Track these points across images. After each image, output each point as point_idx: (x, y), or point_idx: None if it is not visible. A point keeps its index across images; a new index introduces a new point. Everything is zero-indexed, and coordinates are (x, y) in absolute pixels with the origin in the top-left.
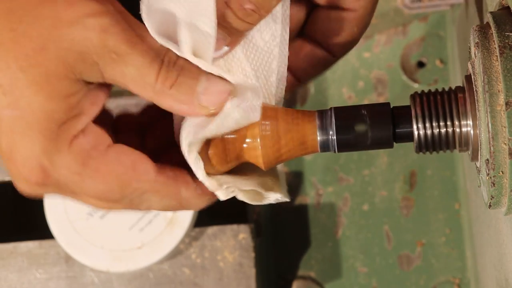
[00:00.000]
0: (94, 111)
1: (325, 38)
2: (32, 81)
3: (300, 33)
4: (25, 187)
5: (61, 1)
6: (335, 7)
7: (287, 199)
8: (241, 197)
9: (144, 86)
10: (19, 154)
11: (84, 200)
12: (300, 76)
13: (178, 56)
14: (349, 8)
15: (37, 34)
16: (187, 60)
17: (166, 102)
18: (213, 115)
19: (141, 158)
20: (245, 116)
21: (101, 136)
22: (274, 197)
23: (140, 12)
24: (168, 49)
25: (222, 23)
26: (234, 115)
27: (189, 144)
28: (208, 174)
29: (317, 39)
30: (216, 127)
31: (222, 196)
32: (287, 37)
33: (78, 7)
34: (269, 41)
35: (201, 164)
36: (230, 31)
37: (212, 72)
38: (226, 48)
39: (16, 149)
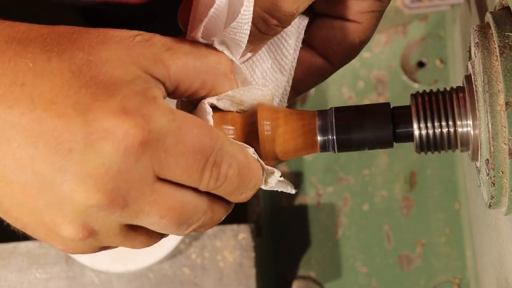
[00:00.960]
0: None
1: (325, 48)
2: (112, 57)
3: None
4: (114, 164)
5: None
6: (339, 17)
7: (292, 190)
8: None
9: (208, 70)
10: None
11: (158, 211)
12: (297, 86)
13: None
14: (354, 20)
15: (92, 36)
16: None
17: (228, 86)
18: None
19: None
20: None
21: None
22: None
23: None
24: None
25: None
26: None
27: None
28: None
29: (316, 48)
30: (246, 91)
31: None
32: (298, 51)
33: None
34: (284, 57)
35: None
36: (252, 41)
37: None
38: (249, 54)
39: (104, 119)
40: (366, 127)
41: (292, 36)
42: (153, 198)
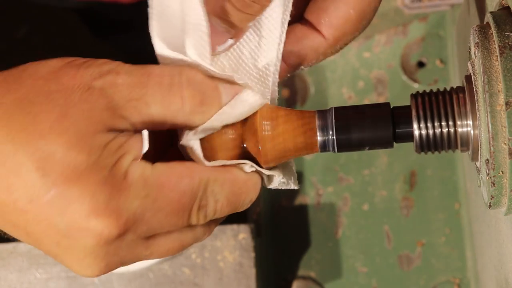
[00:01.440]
0: (138, 147)
1: (317, 19)
2: (67, 143)
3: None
4: (103, 258)
5: (65, 76)
6: None
7: (295, 186)
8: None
9: (173, 115)
10: (81, 225)
11: (156, 248)
12: (290, 61)
13: (194, 73)
14: None
15: (53, 107)
16: (199, 72)
17: (200, 120)
18: None
19: (185, 161)
20: (256, 100)
21: (143, 163)
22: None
23: (149, 28)
24: (182, 69)
25: (223, 16)
26: (248, 98)
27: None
28: None
29: (306, 19)
30: (226, 114)
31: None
32: (286, 25)
33: (83, 75)
34: (270, 32)
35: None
36: (232, 23)
37: (220, 76)
38: (230, 41)
39: (77, 222)
40: (366, 127)
41: (278, 9)
42: (149, 252)
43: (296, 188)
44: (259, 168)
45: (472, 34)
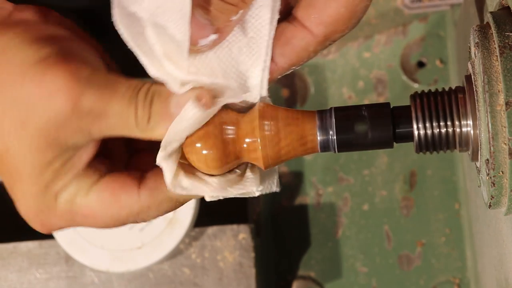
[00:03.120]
0: (82, 163)
1: (306, 16)
2: (17, 153)
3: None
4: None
5: (29, 83)
6: None
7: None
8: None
9: (130, 129)
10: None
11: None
12: (281, 62)
13: (151, 83)
14: None
15: (14, 114)
16: (159, 83)
17: (151, 136)
18: None
19: (123, 186)
20: (194, 113)
21: (84, 181)
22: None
23: (113, 20)
24: (144, 82)
25: (206, 6)
26: (188, 113)
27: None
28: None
29: (295, 17)
30: (175, 128)
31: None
32: (275, 24)
33: (46, 85)
34: (259, 32)
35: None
36: (215, 16)
37: (184, 77)
38: (213, 36)
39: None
40: (366, 127)
41: (266, 9)
42: None
43: (277, 190)
44: (249, 173)
45: (472, 34)
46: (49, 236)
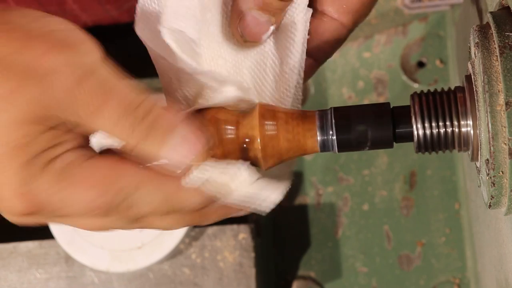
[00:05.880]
0: (75, 141)
1: (333, 6)
2: (6, 119)
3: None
4: (14, 219)
5: (38, 49)
6: None
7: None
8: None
9: (121, 136)
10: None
11: (75, 223)
12: (316, 55)
13: (153, 106)
14: None
15: (11, 77)
16: (164, 109)
17: (140, 153)
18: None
19: (121, 160)
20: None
21: (80, 152)
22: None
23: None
24: (144, 99)
25: (265, 7)
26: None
27: None
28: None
29: (326, 12)
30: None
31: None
32: (308, 22)
33: (53, 57)
34: (295, 30)
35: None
36: (273, 11)
37: (207, 73)
38: (272, 28)
39: None
40: (366, 127)
41: (298, 32)
42: (67, 222)
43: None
44: (251, 173)
45: (472, 34)
46: (49, 236)
